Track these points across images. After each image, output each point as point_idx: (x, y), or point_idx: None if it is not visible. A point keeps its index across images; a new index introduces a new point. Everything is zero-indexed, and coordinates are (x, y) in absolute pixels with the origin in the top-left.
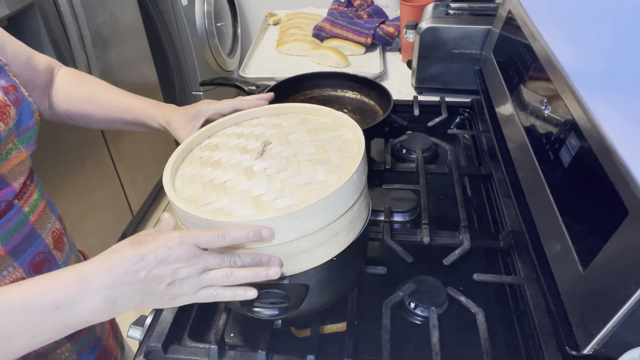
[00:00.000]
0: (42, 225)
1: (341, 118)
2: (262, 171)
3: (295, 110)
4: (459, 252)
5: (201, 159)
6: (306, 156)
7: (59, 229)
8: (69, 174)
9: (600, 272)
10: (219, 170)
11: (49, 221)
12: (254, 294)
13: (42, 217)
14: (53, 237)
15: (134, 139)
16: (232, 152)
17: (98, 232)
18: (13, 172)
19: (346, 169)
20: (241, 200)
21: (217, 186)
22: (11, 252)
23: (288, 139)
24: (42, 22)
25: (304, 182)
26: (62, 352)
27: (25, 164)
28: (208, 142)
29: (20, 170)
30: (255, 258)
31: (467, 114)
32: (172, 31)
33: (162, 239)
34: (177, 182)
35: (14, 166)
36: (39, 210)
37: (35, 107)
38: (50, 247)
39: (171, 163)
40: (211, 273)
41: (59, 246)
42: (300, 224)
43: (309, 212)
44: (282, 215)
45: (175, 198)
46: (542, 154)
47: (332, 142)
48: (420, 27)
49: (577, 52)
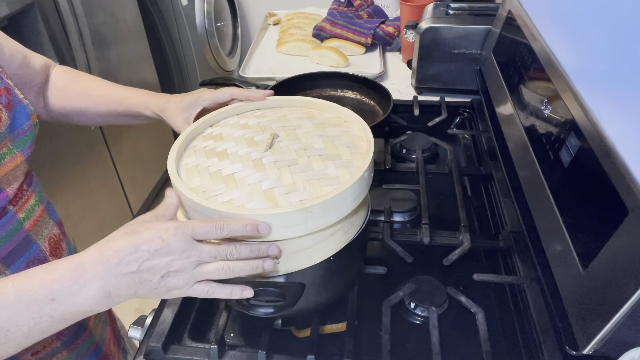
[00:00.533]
0: (38, 231)
1: (346, 114)
2: (272, 164)
3: (299, 104)
4: (459, 252)
5: (205, 148)
6: (316, 151)
7: (57, 234)
8: (69, 174)
9: (600, 272)
10: (226, 161)
11: (46, 227)
12: (251, 293)
13: (39, 223)
14: (50, 243)
15: (134, 138)
16: (238, 142)
17: (98, 232)
18: (7, 177)
19: (356, 166)
20: (252, 192)
21: (226, 177)
22: (3, 260)
23: (295, 133)
24: (42, 22)
25: (316, 177)
26: (59, 359)
27: (20, 169)
28: (210, 132)
29: (14, 176)
30: (253, 249)
31: (467, 114)
32: (172, 31)
33: (157, 230)
34: (182, 171)
35: (8, 171)
36: (35, 216)
37: (31, 109)
38: (47, 253)
39: (175, 151)
40: (207, 266)
41: (56, 252)
42: (312, 220)
43: (323, 207)
44: (296, 210)
45: (183, 187)
46: (542, 154)
47: (340, 138)
48: (420, 27)
49: (577, 52)
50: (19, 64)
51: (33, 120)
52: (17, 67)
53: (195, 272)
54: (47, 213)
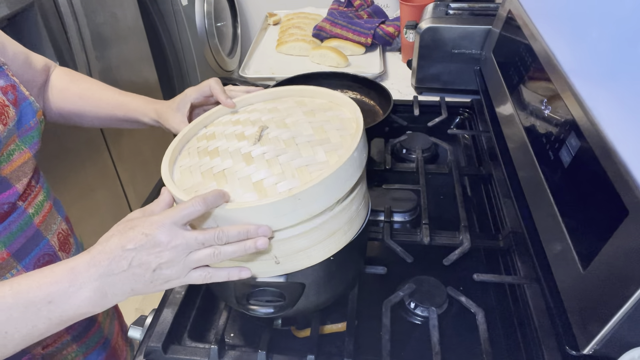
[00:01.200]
0: (47, 226)
1: (338, 97)
2: (261, 156)
3: (291, 93)
4: (459, 252)
5: (198, 148)
6: (304, 137)
7: (65, 229)
8: (69, 174)
9: (600, 272)
10: (217, 159)
11: (54, 222)
12: (248, 273)
13: (48, 219)
14: (59, 238)
15: (134, 139)
16: (229, 139)
17: (98, 232)
18: (16, 173)
19: (346, 147)
20: (242, 186)
21: (217, 174)
22: (15, 255)
23: (285, 122)
24: (42, 22)
25: (304, 164)
26: (69, 352)
27: (29, 165)
28: (204, 132)
29: (23, 172)
30: (242, 230)
31: (467, 114)
32: (172, 31)
33: (140, 226)
34: (176, 173)
35: (17, 167)
36: (44, 211)
37: (37, 106)
38: (56, 248)
39: (168, 155)
40: (197, 253)
41: (65, 247)
42: (303, 207)
43: (311, 193)
44: (284, 198)
45: (175, 189)
46: (542, 154)
47: (330, 122)
48: (420, 27)
49: (577, 52)
50: (21, 63)
51: (39, 117)
52: (19, 66)
53: (187, 260)
54: (55, 209)
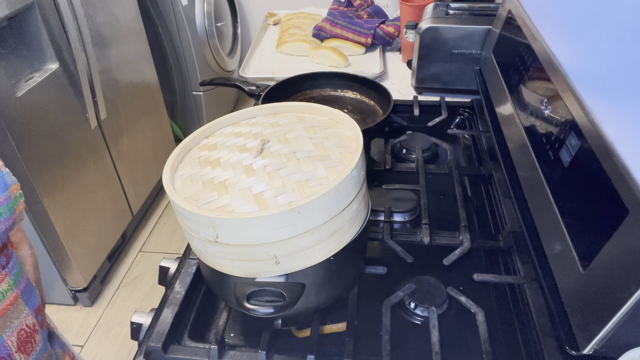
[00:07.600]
0: (5, 322)
1: (338, 115)
2: (262, 169)
3: (292, 109)
4: (459, 252)
5: (200, 158)
6: (305, 153)
7: (30, 325)
8: (69, 174)
9: (600, 272)
10: (218, 169)
11: (18, 317)
12: None
13: (9, 312)
14: (19, 337)
15: (134, 138)
16: (231, 150)
17: (98, 232)
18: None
19: (345, 165)
20: (242, 197)
21: (218, 185)
22: None
23: (286, 137)
24: (42, 22)
25: (305, 179)
26: None
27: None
28: (206, 142)
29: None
30: None
31: (467, 114)
32: (172, 31)
33: None
34: (177, 181)
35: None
36: (5, 303)
37: (12, 179)
38: (12, 350)
39: (170, 163)
40: None
41: (25, 348)
42: (302, 220)
43: (311, 207)
44: (284, 211)
45: (177, 197)
46: (542, 154)
47: (330, 139)
48: (420, 27)
49: (577, 52)
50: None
51: (12, 192)
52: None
53: None
54: (23, 299)
